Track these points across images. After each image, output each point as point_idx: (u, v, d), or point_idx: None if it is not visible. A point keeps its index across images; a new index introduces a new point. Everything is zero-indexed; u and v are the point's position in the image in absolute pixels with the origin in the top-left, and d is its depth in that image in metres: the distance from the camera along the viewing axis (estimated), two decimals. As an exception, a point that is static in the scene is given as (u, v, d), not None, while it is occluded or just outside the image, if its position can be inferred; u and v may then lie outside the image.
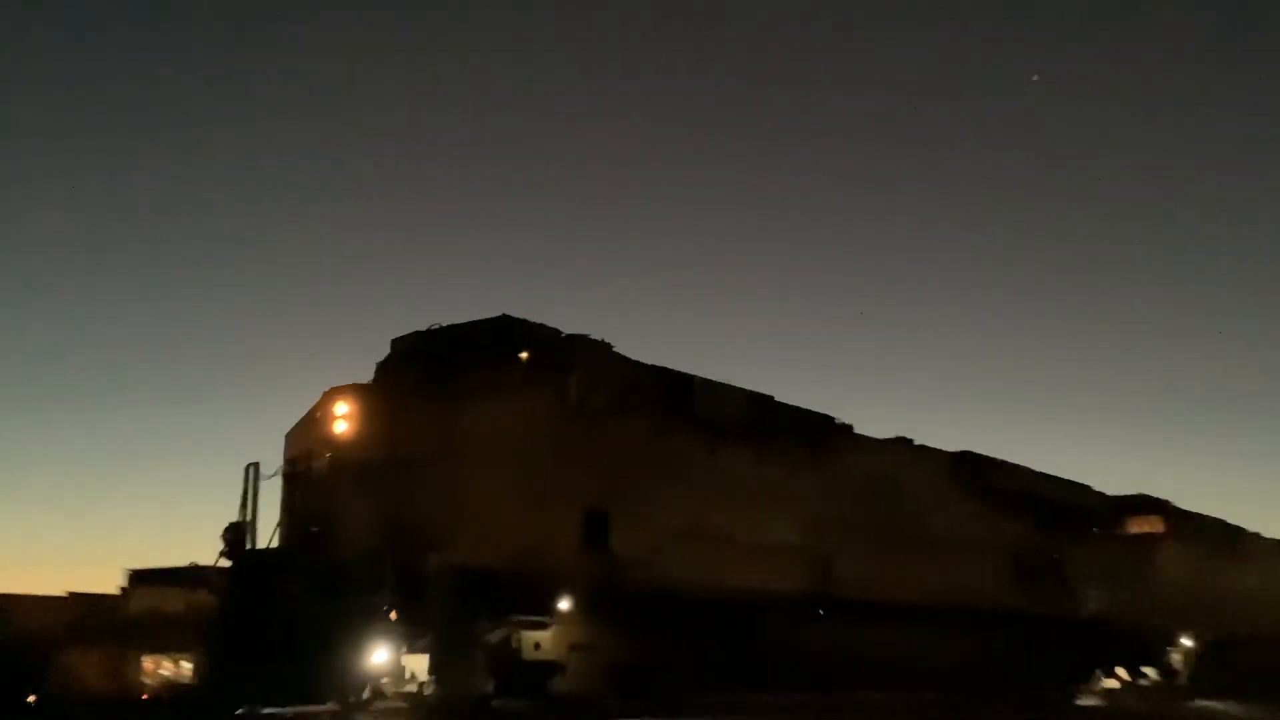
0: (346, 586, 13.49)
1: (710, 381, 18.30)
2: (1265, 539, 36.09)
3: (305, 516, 14.73)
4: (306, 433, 15.42)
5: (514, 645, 14.71)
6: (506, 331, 15.79)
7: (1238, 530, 34.38)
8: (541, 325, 16.13)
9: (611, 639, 15.74)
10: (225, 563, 14.51)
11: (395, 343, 16.68)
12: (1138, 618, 27.75)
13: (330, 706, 13.22)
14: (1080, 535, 27.30)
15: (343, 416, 14.81)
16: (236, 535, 14.45)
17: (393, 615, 13.52)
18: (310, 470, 14.96)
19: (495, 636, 14.58)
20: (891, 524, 21.30)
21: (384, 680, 13.93)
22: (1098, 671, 27.43)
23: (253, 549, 14.46)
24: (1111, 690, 27.53)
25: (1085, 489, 28.32)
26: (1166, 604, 28.83)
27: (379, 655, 13.60)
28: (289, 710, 13.22)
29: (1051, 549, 25.86)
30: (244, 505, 14.75)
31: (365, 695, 13.58)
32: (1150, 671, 28.49)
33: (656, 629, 15.99)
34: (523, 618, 14.78)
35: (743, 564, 17.66)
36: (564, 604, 14.95)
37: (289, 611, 13.45)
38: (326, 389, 15.54)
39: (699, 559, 16.86)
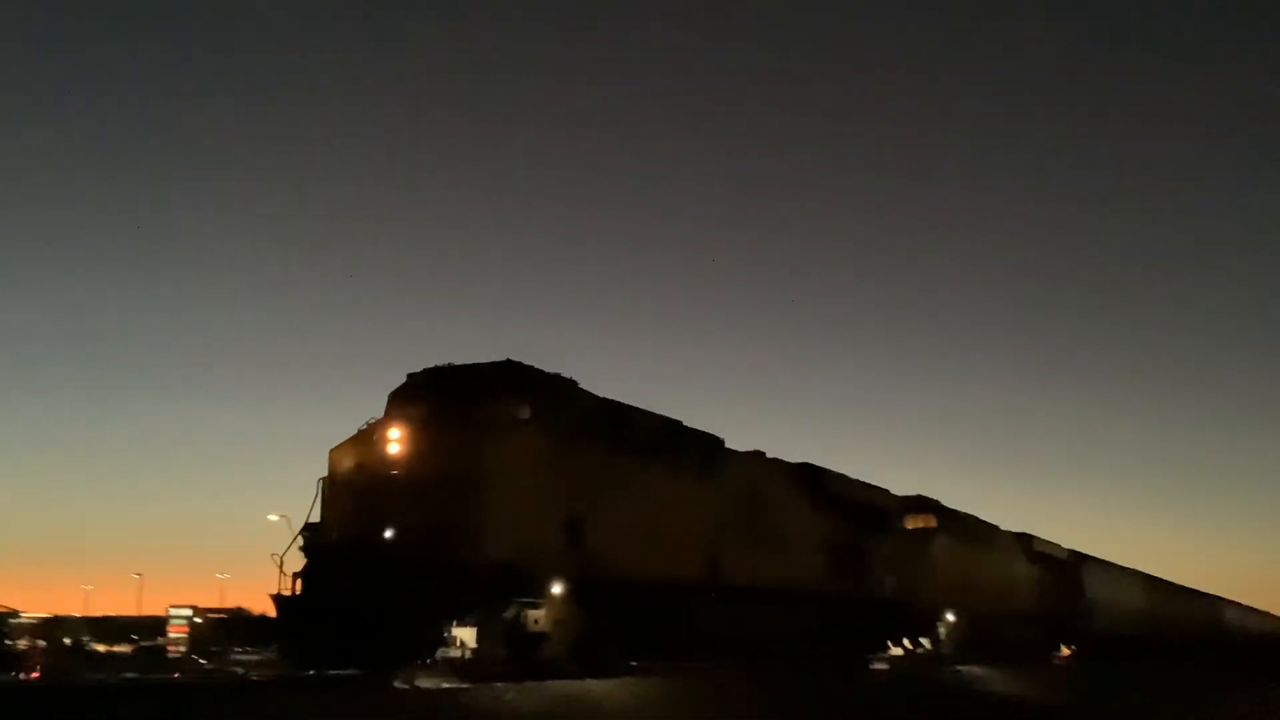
0: (406, 575, 17.38)
1: (641, 410, 22.96)
2: (1004, 532, 43.53)
3: (360, 518, 18.41)
4: (356, 450, 19.10)
5: (521, 621, 18.97)
6: (512, 374, 19.98)
7: (989, 526, 41.52)
8: (537, 369, 20.40)
9: (578, 616, 20.13)
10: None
11: (411, 376, 20.49)
12: (916, 598, 33.94)
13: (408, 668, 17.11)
14: (877, 530, 33.13)
15: (395, 440, 18.62)
16: (314, 534, 18.15)
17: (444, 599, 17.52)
18: (365, 480, 18.68)
19: (509, 614, 18.82)
20: (754, 523, 26.37)
21: (442, 647, 17.93)
22: (888, 642, 33.42)
23: (326, 544, 18.14)
24: (896, 657, 33.58)
25: (885, 491, 34.42)
26: (936, 587, 35.20)
27: (440, 627, 17.63)
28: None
29: (856, 541, 31.49)
30: (313, 509, 18.41)
31: (432, 658, 17.59)
32: (925, 642, 34.76)
33: (608, 610, 20.48)
34: (526, 600, 19.06)
35: (665, 559, 22.36)
36: (556, 589, 19.29)
37: (361, 594, 17.25)
38: (396, 402, 19.40)
39: (637, 556, 21.45)
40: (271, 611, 18.31)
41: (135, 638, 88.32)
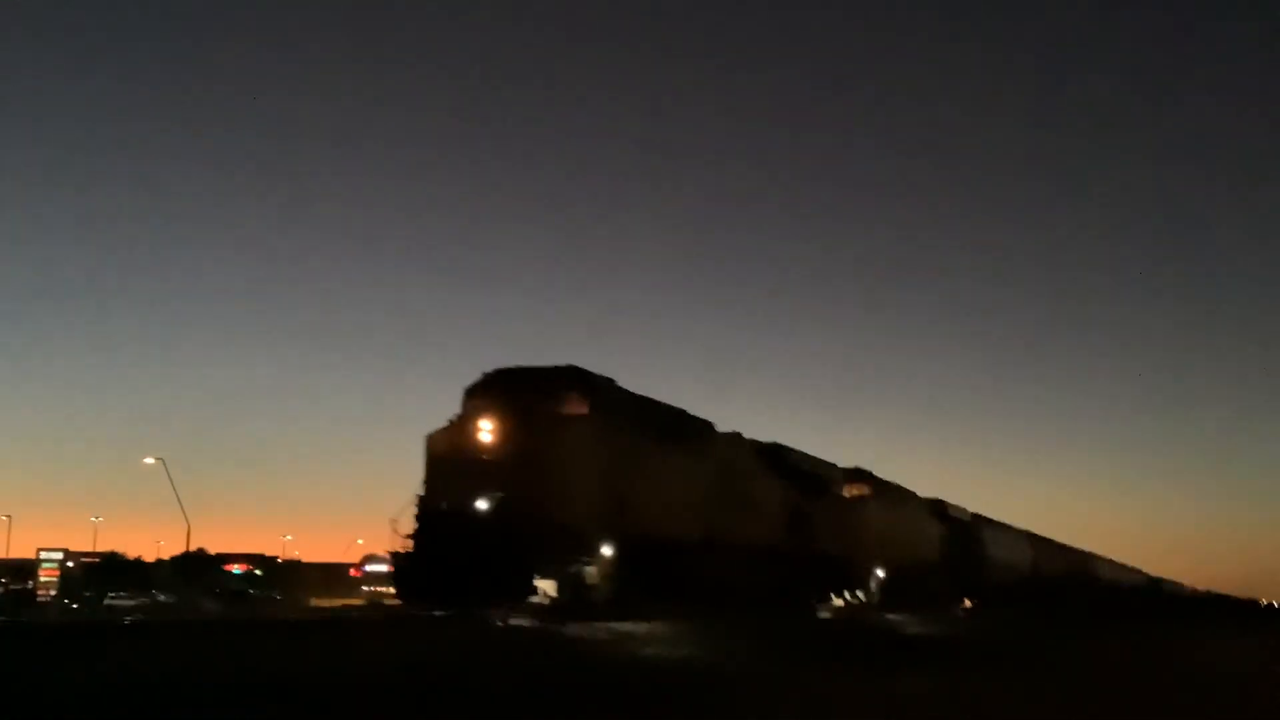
0: (499, 538, 22.23)
1: (658, 402, 28.02)
2: (922, 498, 49.58)
3: (460, 492, 23.15)
4: (451, 436, 23.81)
5: (581, 575, 23.98)
6: (573, 376, 24.85)
7: (909, 491, 47.48)
8: (594, 373, 25.26)
9: (618, 572, 25.16)
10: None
11: (486, 375, 25.18)
12: (853, 556, 39.60)
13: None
14: (823, 497, 38.63)
15: (490, 428, 23.35)
16: (424, 504, 22.95)
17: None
18: (460, 461, 23.41)
19: (574, 569, 23.80)
20: (733, 493, 31.56)
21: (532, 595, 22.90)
22: (831, 593, 39.04)
23: (435, 512, 22.91)
24: (836, 606, 39.23)
25: (831, 465, 39.97)
26: (869, 546, 40.92)
27: (527, 578, 22.59)
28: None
29: (808, 508, 36.90)
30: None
31: (523, 602, 22.54)
32: (860, 594, 40.49)
33: (640, 567, 25.55)
34: (585, 558, 24.06)
35: (677, 526, 27.53)
36: (605, 550, 24.32)
37: (464, 552, 22.08)
38: (473, 399, 24.09)
39: (660, 523, 26.59)
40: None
41: (4, 581, 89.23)
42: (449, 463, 23.65)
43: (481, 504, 22.76)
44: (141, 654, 14.88)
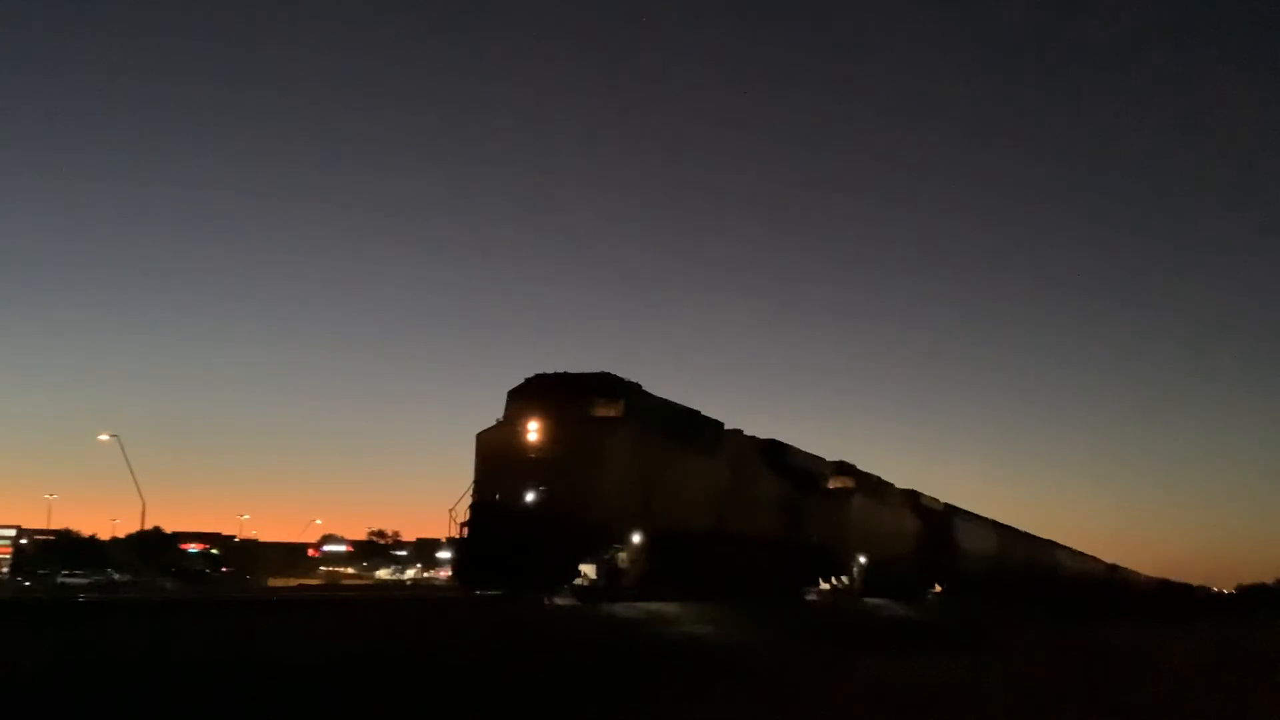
0: (546, 527, 25.05)
1: (678, 404, 30.89)
2: (897, 489, 52.77)
3: (510, 485, 25.96)
4: (502, 437, 26.58)
5: (615, 561, 26.86)
6: (608, 382, 27.69)
7: (888, 484, 50.63)
8: (625, 380, 28.09)
9: (644, 559, 28.06)
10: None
11: (529, 379, 27.96)
12: (838, 545, 42.68)
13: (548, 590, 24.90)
14: (812, 490, 41.63)
15: (536, 429, 26.14)
16: (478, 496, 25.75)
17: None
18: (508, 458, 26.20)
19: (609, 556, 26.69)
20: (738, 487, 34.48)
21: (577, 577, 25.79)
22: (819, 579, 42.11)
23: (488, 504, 25.72)
24: (822, 591, 42.33)
25: (820, 459, 43.04)
26: (852, 536, 44.01)
27: (570, 563, 25.47)
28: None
29: (798, 500, 39.86)
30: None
31: (568, 585, 25.43)
32: (844, 579, 43.60)
33: (663, 554, 28.47)
34: (618, 546, 26.95)
35: (694, 517, 30.45)
36: (635, 539, 27.23)
37: (515, 539, 24.90)
38: (516, 401, 26.84)
39: (680, 515, 29.51)
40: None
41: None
42: (500, 459, 26.44)
43: (530, 497, 25.58)
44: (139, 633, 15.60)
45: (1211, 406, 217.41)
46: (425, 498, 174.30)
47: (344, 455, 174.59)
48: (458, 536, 25.81)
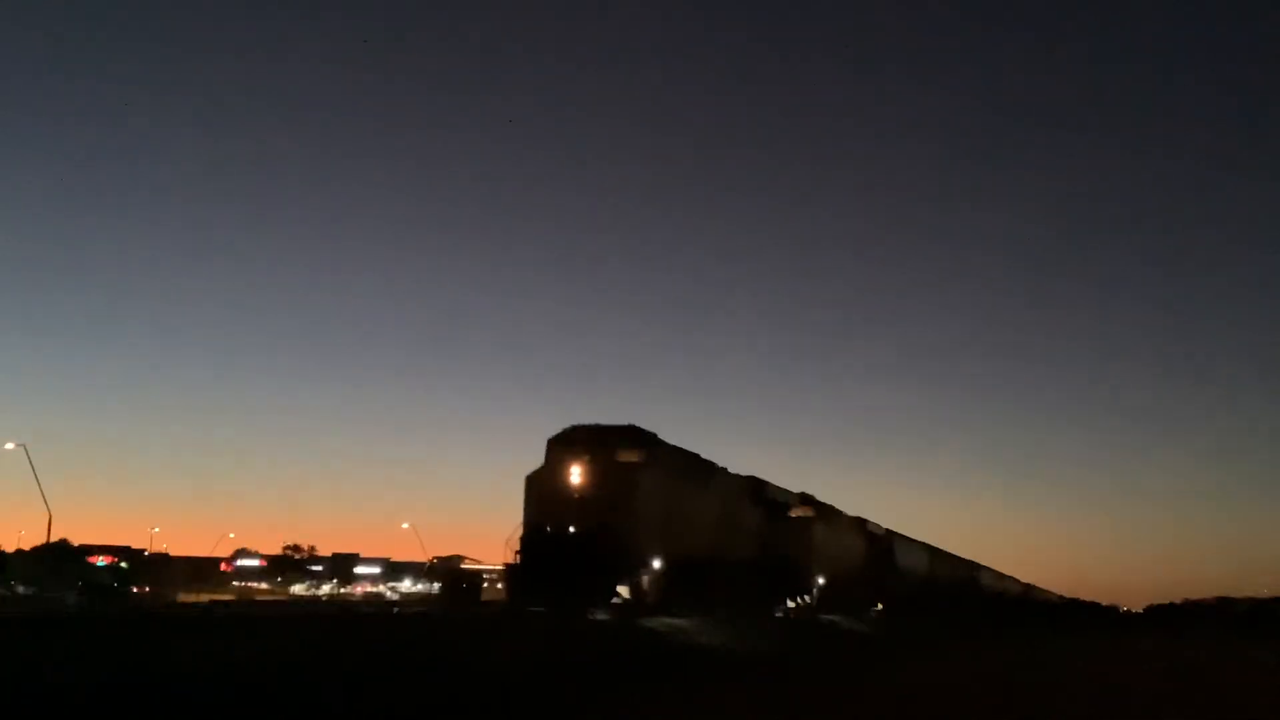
0: (588, 555, 30.26)
1: (683, 449, 36.29)
2: (848, 516, 58.59)
3: (557, 519, 31.13)
4: (547, 477, 31.76)
5: (642, 583, 32.15)
6: (635, 433, 33.01)
7: (841, 512, 56.43)
8: (646, 430, 33.43)
9: (662, 581, 33.36)
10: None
11: (567, 430, 33.16)
12: (801, 566, 48.24)
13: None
14: (780, 519, 47.19)
15: (578, 472, 31.36)
16: (530, 527, 30.90)
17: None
18: (554, 496, 31.37)
19: (638, 578, 31.97)
20: (727, 518, 39.93)
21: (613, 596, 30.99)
22: (786, 598, 47.65)
23: (539, 534, 30.86)
24: (788, 609, 47.88)
25: (786, 490, 48.65)
26: (813, 558, 49.60)
27: (609, 585, 30.70)
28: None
29: (770, 527, 45.40)
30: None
31: (609, 602, 30.62)
32: (806, 598, 49.18)
33: (675, 576, 33.79)
34: (644, 570, 32.25)
35: (698, 545, 35.81)
36: (656, 564, 32.55)
37: (563, 564, 30.07)
38: (556, 447, 32.01)
39: (688, 544, 34.85)
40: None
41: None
42: (546, 497, 31.62)
43: (573, 529, 30.79)
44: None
45: (1134, 439, 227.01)
46: (341, 513, 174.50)
47: (258, 468, 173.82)
48: (513, 562, 30.88)
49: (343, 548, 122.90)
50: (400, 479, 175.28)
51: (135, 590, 78.52)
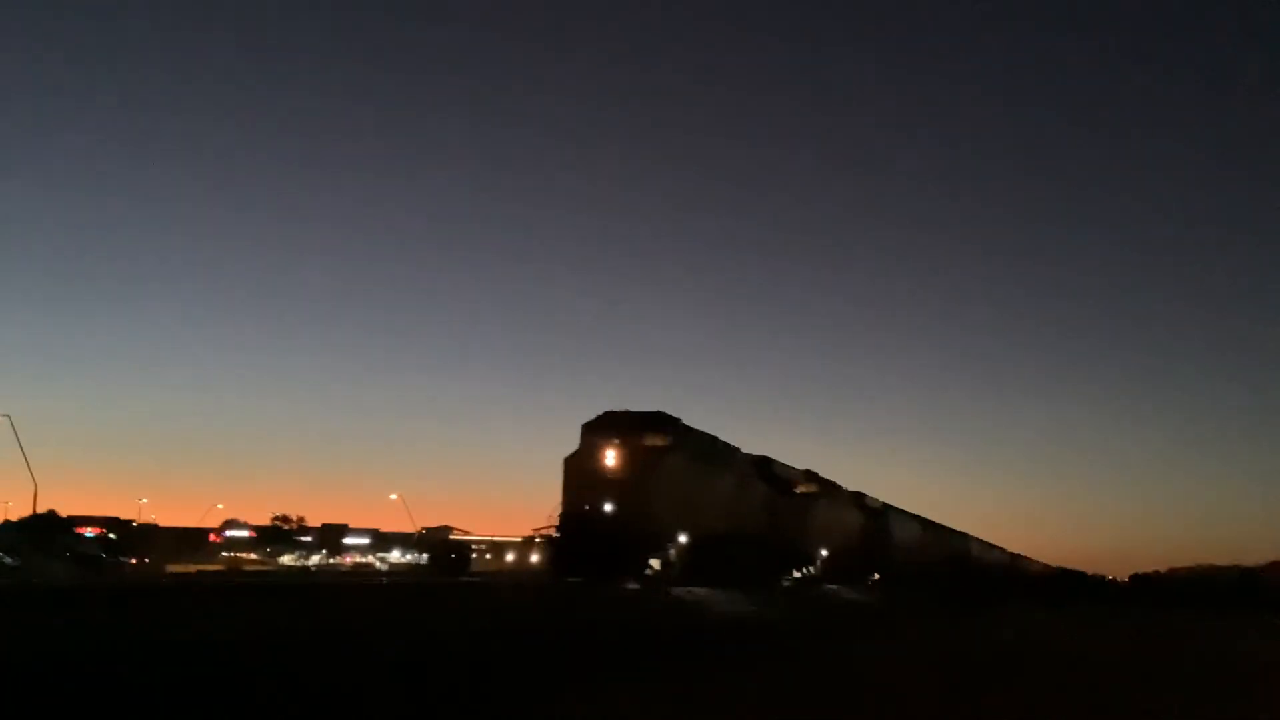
0: (621, 531, 33.40)
1: (702, 431, 39.41)
2: (848, 491, 61.84)
3: (591, 498, 34.27)
4: (583, 460, 34.87)
5: (668, 556, 35.34)
6: (661, 419, 36.13)
7: (841, 487, 59.70)
8: (671, 416, 36.53)
9: (686, 555, 36.54)
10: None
11: (601, 415, 36.24)
12: (804, 541, 51.53)
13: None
14: (786, 495, 50.41)
15: (611, 455, 34.48)
16: (567, 506, 34.05)
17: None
18: (589, 477, 34.49)
19: (664, 552, 35.17)
20: (741, 495, 43.12)
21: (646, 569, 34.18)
22: (791, 569, 50.93)
23: (576, 512, 34.01)
24: (794, 579, 51.16)
25: (791, 467, 51.87)
26: (815, 534, 52.90)
27: (639, 559, 33.88)
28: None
29: (777, 503, 48.61)
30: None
31: (641, 574, 33.83)
32: (810, 569, 52.47)
33: (697, 551, 36.97)
34: (670, 544, 35.44)
35: (716, 521, 38.97)
36: (681, 539, 35.75)
37: (598, 540, 33.22)
38: (590, 432, 35.09)
39: (708, 521, 38.02)
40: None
41: None
42: (583, 479, 34.78)
43: (608, 508, 33.95)
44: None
45: (1120, 412, 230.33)
46: (330, 483, 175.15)
47: (247, 439, 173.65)
48: (552, 536, 34.08)
49: (332, 519, 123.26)
50: (388, 450, 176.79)
51: (124, 561, 79.40)
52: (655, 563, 34.95)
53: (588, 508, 34.11)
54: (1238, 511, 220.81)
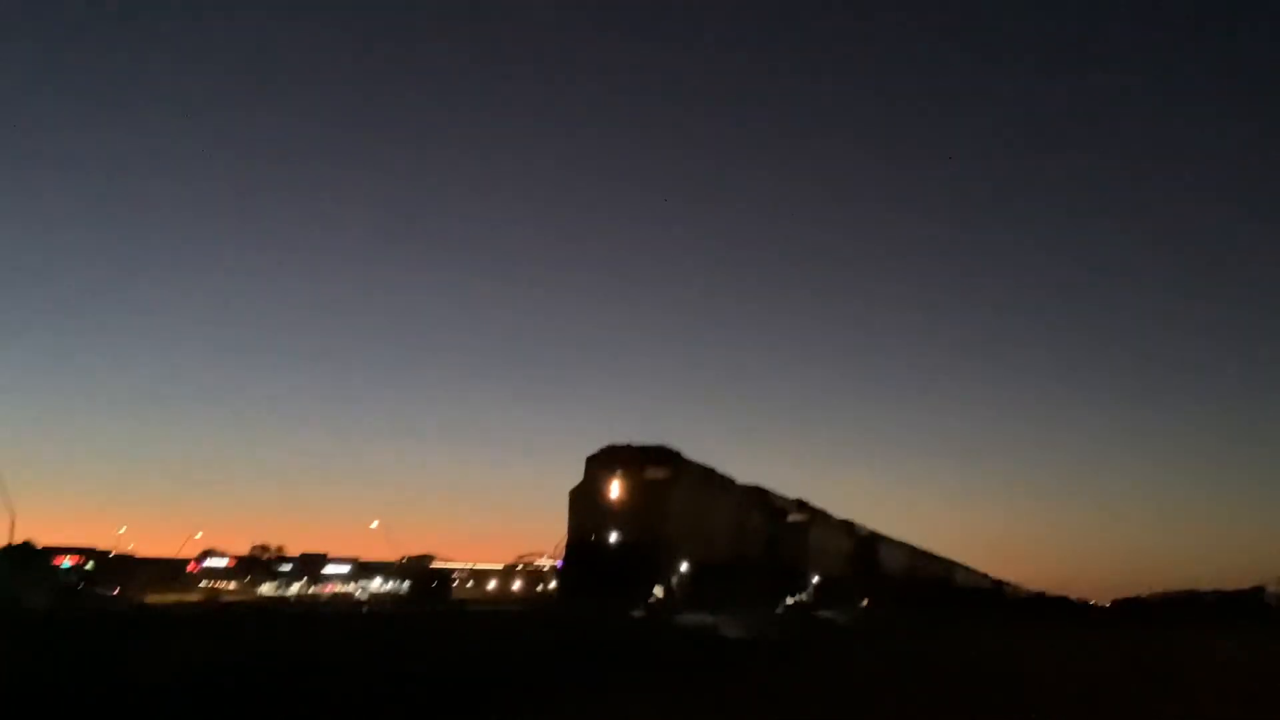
0: (626, 559, 34.82)
1: (702, 464, 40.90)
2: (837, 519, 63.41)
3: (597, 528, 35.69)
4: (588, 492, 36.32)
5: (671, 584, 36.76)
6: (665, 452, 37.62)
7: (831, 515, 61.23)
8: (672, 449, 38.06)
9: (688, 582, 37.95)
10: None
11: (604, 449, 37.72)
12: (798, 567, 52.99)
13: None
14: (780, 521, 51.91)
15: (615, 487, 35.94)
16: (574, 534, 35.47)
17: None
18: (594, 507, 35.93)
19: (669, 580, 36.56)
20: (738, 524, 44.59)
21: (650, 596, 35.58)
22: (786, 595, 52.35)
23: (583, 541, 35.42)
24: (788, 604, 52.55)
25: (785, 497, 53.41)
26: (808, 560, 54.37)
27: (646, 586, 35.28)
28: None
29: (773, 532, 50.11)
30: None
31: (649, 601, 35.20)
32: (802, 596, 53.93)
33: (699, 578, 38.39)
34: (673, 572, 36.86)
35: (717, 549, 40.41)
36: (683, 567, 37.18)
37: (604, 568, 34.62)
38: (595, 465, 36.54)
39: (710, 549, 39.45)
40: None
41: None
42: (588, 509, 36.22)
43: (613, 537, 35.37)
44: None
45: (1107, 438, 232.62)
46: (310, 512, 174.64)
47: (226, 469, 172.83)
48: (559, 565, 35.45)
49: (311, 548, 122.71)
50: (368, 479, 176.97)
51: (101, 591, 73.55)
52: (659, 590, 36.21)
53: (594, 537, 35.46)
54: (1221, 537, 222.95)
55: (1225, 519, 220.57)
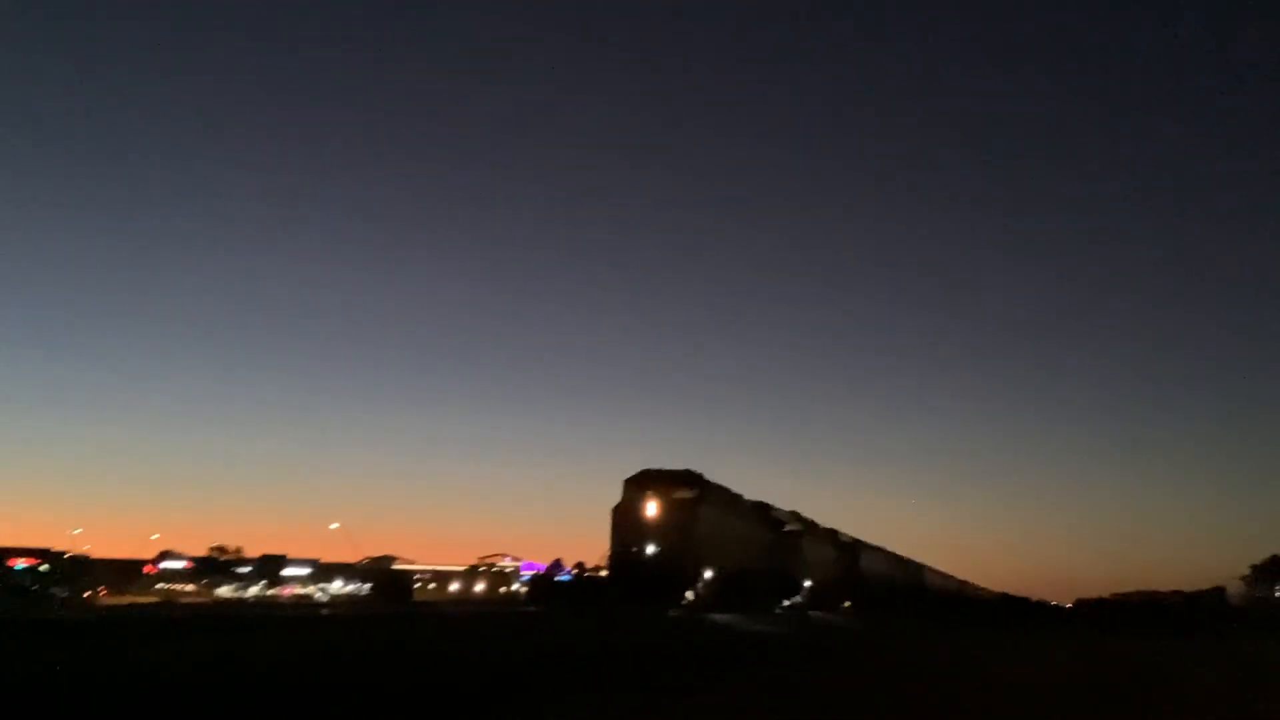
0: (661, 569, 40.82)
1: (720, 484, 46.96)
2: (824, 529, 69.59)
3: (637, 542, 41.67)
4: (627, 510, 42.28)
5: (700, 589, 42.78)
6: (691, 475, 43.68)
7: (819, 525, 67.45)
8: (697, 472, 44.09)
9: (712, 588, 43.99)
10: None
11: (640, 472, 43.71)
12: (793, 572, 59.12)
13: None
14: (777, 532, 58.03)
15: (651, 506, 41.94)
16: (617, 547, 41.45)
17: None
18: (634, 524, 41.89)
19: (699, 586, 42.60)
20: (747, 536, 50.65)
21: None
22: (783, 600, 58.44)
23: (625, 554, 41.41)
24: (785, 607, 58.59)
25: (783, 510, 59.63)
26: (800, 567, 60.51)
27: (678, 591, 41.31)
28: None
29: (770, 541, 56.18)
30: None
31: (680, 603, 41.25)
32: (798, 599, 60.02)
33: (721, 584, 44.43)
34: (701, 579, 42.90)
35: (734, 560, 46.44)
36: (708, 574, 43.24)
37: (643, 576, 40.61)
38: (632, 487, 42.52)
39: (729, 559, 45.48)
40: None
41: None
42: (628, 525, 42.15)
43: (650, 550, 41.34)
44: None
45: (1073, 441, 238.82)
46: (268, 513, 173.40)
47: (183, 469, 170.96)
48: (605, 574, 41.41)
49: (271, 549, 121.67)
50: (328, 480, 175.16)
51: (55, 593, 78.15)
52: (690, 594, 42.18)
53: (634, 549, 41.34)
54: (1181, 540, 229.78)
55: (1188, 523, 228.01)
